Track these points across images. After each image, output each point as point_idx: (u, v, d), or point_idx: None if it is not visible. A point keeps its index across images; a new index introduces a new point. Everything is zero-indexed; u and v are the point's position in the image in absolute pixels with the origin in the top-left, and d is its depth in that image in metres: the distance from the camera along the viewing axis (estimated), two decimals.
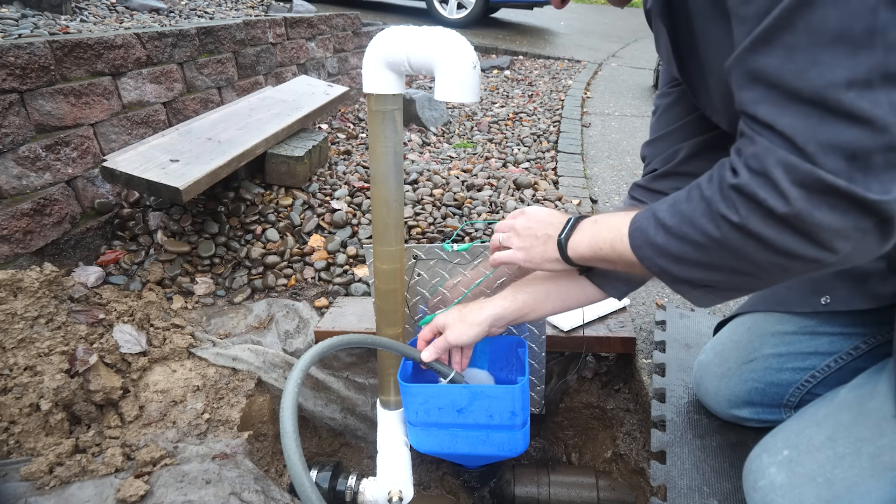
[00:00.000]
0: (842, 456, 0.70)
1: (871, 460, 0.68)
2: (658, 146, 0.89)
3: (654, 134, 0.91)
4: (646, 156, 0.93)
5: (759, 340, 0.97)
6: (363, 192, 1.95)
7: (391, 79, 0.83)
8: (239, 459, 1.10)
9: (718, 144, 0.83)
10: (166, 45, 1.97)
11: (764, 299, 1.00)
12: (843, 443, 0.70)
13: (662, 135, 0.89)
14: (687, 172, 0.84)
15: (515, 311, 0.91)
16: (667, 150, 0.87)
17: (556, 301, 0.92)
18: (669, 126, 0.88)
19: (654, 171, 0.89)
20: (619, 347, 1.35)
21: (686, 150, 0.84)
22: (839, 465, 0.69)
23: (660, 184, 0.88)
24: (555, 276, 0.92)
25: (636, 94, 4.05)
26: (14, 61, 1.42)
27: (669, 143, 0.87)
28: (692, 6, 0.61)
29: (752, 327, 0.99)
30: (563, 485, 1.28)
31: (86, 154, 1.64)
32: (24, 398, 1.09)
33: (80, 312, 1.28)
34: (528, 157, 2.59)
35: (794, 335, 0.93)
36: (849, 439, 0.70)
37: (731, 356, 1.00)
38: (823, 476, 0.70)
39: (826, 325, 0.90)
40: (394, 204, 0.93)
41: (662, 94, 0.90)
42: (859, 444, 0.69)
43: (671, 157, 0.86)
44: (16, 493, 0.98)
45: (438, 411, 0.97)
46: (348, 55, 3.46)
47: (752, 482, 0.77)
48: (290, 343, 1.42)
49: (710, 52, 0.62)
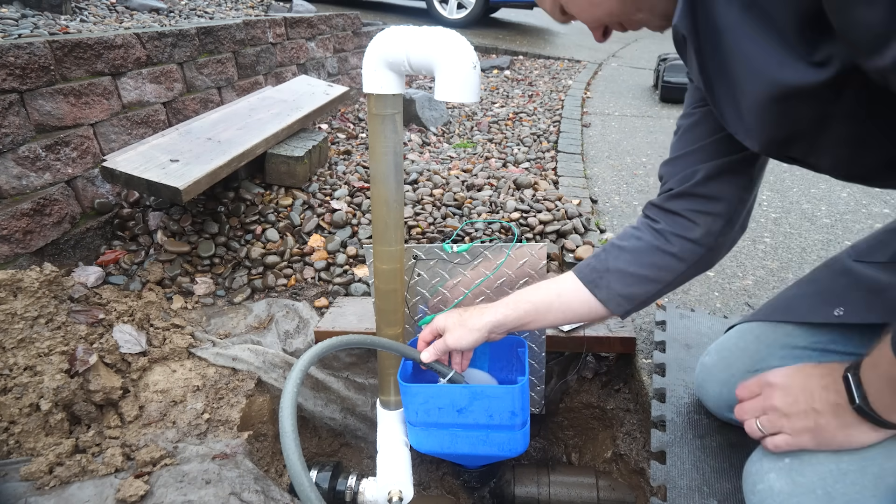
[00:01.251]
0: (845, 472, 0.68)
1: (875, 480, 0.66)
2: (676, 166, 0.87)
3: (674, 153, 0.89)
4: (663, 175, 0.90)
5: (766, 351, 0.93)
6: (363, 192, 1.95)
7: (391, 79, 0.83)
8: (239, 459, 1.10)
9: (739, 168, 0.81)
10: (166, 45, 1.97)
11: (775, 308, 0.96)
12: (849, 459, 0.69)
13: (681, 154, 0.87)
14: (703, 194, 0.82)
15: (516, 320, 0.91)
16: (685, 169, 0.85)
17: (559, 314, 0.92)
18: (690, 146, 0.85)
19: (669, 191, 0.87)
20: (618, 347, 1.35)
21: (704, 172, 0.82)
22: (841, 480, 0.68)
23: (675, 203, 0.86)
24: (560, 289, 0.92)
25: (636, 94, 4.05)
26: (14, 61, 1.42)
27: (688, 163, 0.85)
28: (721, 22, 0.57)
29: (760, 336, 0.96)
30: (563, 485, 1.28)
31: (86, 154, 1.64)
32: (24, 398, 1.09)
33: (79, 312, 1.28)
34: (528, 157, 2.59)
35: (803, 350, 0.89)
36: (854, 456, 0.68)
37: (735, 363, 0.98)
38: (824, 489, 0.68)
39: (838, 344, 0.86)
40: (394, 204, 0.93)
41: (686, 114, 0.88)
42: (864, 463, 0.67)
43: (688, 178, 0.84)
44: (16, 493, 0.98)
45: (438, 411, 0.97)
46: (348, 55, 3.46)
47: (751, 485, 0.77)
48: (290, 343, 1.42)
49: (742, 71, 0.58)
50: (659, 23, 0.69)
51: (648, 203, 0.91)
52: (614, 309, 0.89)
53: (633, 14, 0.68)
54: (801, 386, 0.71)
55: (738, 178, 0.83)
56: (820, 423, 0.68)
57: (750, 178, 0.84)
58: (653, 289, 0.88)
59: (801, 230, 1.93)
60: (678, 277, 0.88)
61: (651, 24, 0.70)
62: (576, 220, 1.77)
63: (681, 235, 0.85)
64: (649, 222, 0.89)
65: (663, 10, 0.66)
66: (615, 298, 0.88)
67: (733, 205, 0.83)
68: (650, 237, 0.87)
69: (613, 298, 0.88)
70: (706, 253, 0.86)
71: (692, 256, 0.86)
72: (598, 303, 0.89)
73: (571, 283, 0.92)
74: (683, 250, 0.85)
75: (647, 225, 0.89)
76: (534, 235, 1.73)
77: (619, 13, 0.68)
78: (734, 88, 0.61)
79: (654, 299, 0.91)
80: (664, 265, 0.87)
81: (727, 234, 0.86)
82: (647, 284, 0.88)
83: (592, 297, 0.89)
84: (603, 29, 0.72)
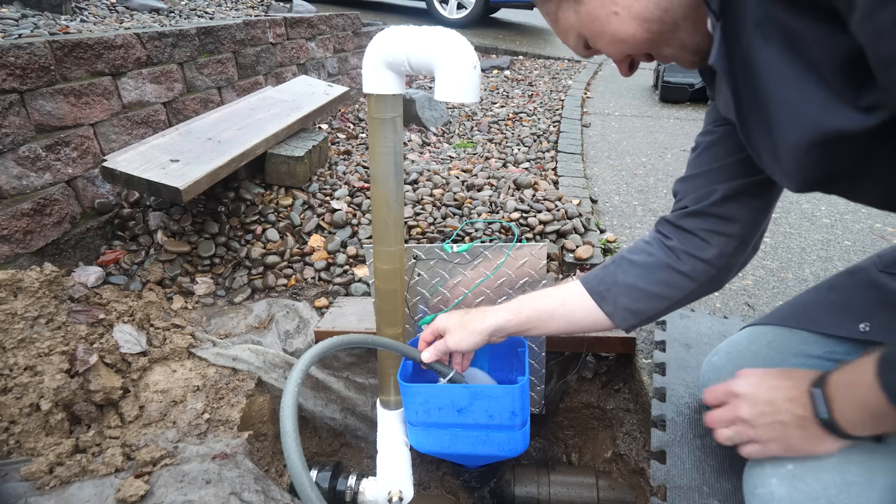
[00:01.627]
0: (850, 483, 0.67)
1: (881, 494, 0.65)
2: (693, 183, 0.86)
3: (691, 171, 0.87)
4: (678, 192, 0.89)
5: (778, 358, 0.91)
6: (363, 192, 1.95)
7: (391, 79, 0.83)
8: (239, 459, 1.10)
9: (756, 191, 0.80)
10: (166, 45, 1.97)
11: (795, 316, 0.94)
12: (855, 470, 0.68)
13: (699, 173, 0.85)
14: (719, 214, 0.81)
15: (518, 326, 0.91)
16: (702, 188, 0.83)
17: (562, 322, 0.92)
18: (708, 165, 0.84)
19: (684, 209, 0.86)
20: (619, 347, 1.35)
21: (721, 192, 0.81)
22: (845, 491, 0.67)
23: (689, 222, 0.85)
24: (564, 298, 0.91)
25: (636, 94, 4.05)
26: (14, 61, 1.42)
27: (705, 182, 0.83)
28: (758, 63, 0.55)
29: (773, 341, 0.94)
30: (563, 485, 1.28)
31: (86, 154, 1.64)
32: (24, 398, 1.09)
33: (80, 312, 1.28)
34: (528, 157, 2.59)
35: (817, 359, 0.87)
36: (861, 468, 0.67)
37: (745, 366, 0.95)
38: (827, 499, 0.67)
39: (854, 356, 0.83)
40: (394, 204, 0.93)
41: (705, 132, 0.86)
42: (871, 476, 0.66)
43: (705, 197, 0.83)
44: (16, 493, 0.98)
45: (438, 411, 0.97)
46: (348, 55, 3.46)
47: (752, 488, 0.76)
48: (290, 343, 1.42)
49: (782, 115, 0.57)
50: (689, 59, 0.67)
51: (662, 219, 0.90)
52: (619, 322, 0.89)
53: (661, 49, 0.65)
54: (766, 399, 0.72)
55: (755, 200, 0.81)
56: (785, 434, 0.70)
57: (767, 201, 0.83)
58: (660, 305, 0.88)
59: (801, 230, 1.93)
60: (687, 296, 0.87)
61: (680, 59, 0.67)
62: (576, 220, 1.77)
63: (693, 255, 0.84)
64: (661, 238, 0.88)
65: (694, 47, 0.64)
66: (621, 312, 0.88)
67: (748, 227, 0.82)
68: (661, 254, 0.86)
69: (620, 312, 0.88)
70: (717, 273, 0.85)
71: (703, 276, 0.85)
72: (604, 315, 0.89)
73: (577, 292, 0.91)
74: (695, 270, 0.84)
75: (659, 241, 0.88)
76: (534, 235, 1.73)
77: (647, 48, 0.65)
78: (772, 131, 0.59)
79: (659, 316, 0.90)
80: (674, 283, 0.86)
81: (740, 255, 0.85)
82: (655, 301, 0.87)
83: (598, 309, 0.89)
84: (629, 62, 0.70)
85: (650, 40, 0.63)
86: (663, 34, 0.63)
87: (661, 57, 0.67)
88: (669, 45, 0.65)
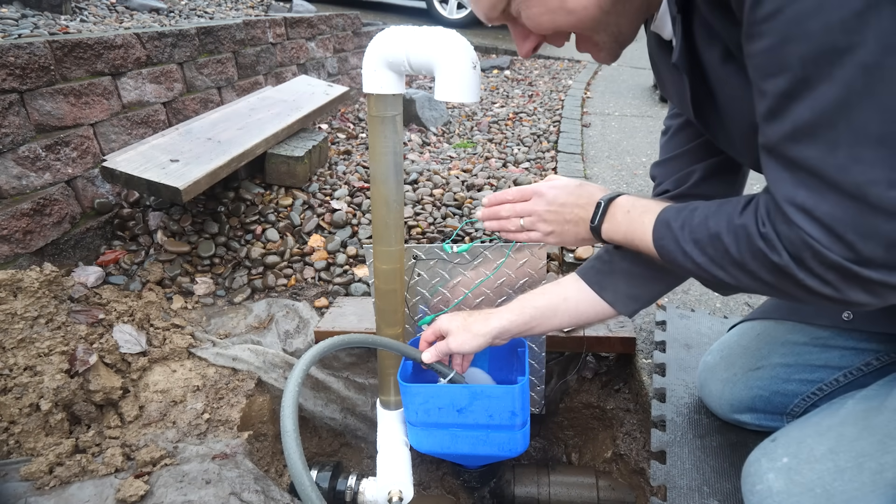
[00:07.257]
0: (842, 469, 0.69)
1: (873, 476, 0.67)
2: (670, 167, 0.89)
3: (665, 155, 0.90)
4: (656, 176, 0.92)
5: (767, 348, 0.95)
6: (363, 192, 1.95)
7: (391, 79, 0.83)
8: (239, 459, 1.10)
9: (731, 166, 0.83)
10: (166, 45, 1.97)
11: (779, 307, 0.98)
12: (846, 456, 0.69)
13: (674, 156, 0.88)
14: (700, 194, 0.83)
15: (522, 325, 0.91)
16: (679, 171, 0.87)
17: (565, 317, 0.92)
18: (681, 147, 0.87)
19: (665, 192, 0.88)
20: (618, 347, 1.35)
21: (700, 173, 0.84)
22: (839, 478, 0.69)
23: None
24: (565, 293, 0.92)
25: (636, 94, 4.05)
26: (14, 61, 1.42)
27: (682, 164, 0.87)
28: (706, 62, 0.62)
29: (761, 333, 0.98)
30: (563, 485, 1.28)
31: (86, 154, 1.64)
32: (24, 398, 1.09)
33: (79, 312, 1.28)
34: (528, 157, 2.59)
35: (804, 346, 0.91)
36: (851, 453, 0.69)
37: (737, 361, 0.99)
38: (822, 487, 0.69)
39: (839, 339, 0.89)
40: (394, 204, 0.93)
41: (674, 114, 0.89)
42: (862, 459, 0.68)
43: (684, 180, 0.86)
44: (16, 493, 0.98)
45: (438, 411, 0.97)
46: (348, 55, 3.46)
47: (750, 485, 0.77)
48: (290, 343, 1.42)
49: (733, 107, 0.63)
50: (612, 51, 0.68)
51: None
52: (622, 309, 0.90)
53: (597, 32, 0.64)
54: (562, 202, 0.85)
55: (730, 175, 0.85)
56: (564, 230, 0.86)
57: (742, 173, 0.87)
58: (659, 288, 0.89)
59: None
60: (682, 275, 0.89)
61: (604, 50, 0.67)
62: None
63: None
64: None
65: (624, 39, 0.66)
66: (623, 299, 0.89)
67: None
68: None
69: (621, 299, 0.89)
70: None
71: None
72: (606, 304, 0.89)
73: (576, 285, 0.92)
74: None
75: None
76: None
77: (587, 26, 0.63)
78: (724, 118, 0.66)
79: (659, 296, 0.91)
80: None
81: None
82: (653, 283, 0.88)
83: (599, 299, 0.89)
84: (538, 43, 0.69)
85: (595, 19, 0.61)
86: (610, 16, 0.62)
87: (588, 42, 0.67)
88: (607, 31, 0.64)
